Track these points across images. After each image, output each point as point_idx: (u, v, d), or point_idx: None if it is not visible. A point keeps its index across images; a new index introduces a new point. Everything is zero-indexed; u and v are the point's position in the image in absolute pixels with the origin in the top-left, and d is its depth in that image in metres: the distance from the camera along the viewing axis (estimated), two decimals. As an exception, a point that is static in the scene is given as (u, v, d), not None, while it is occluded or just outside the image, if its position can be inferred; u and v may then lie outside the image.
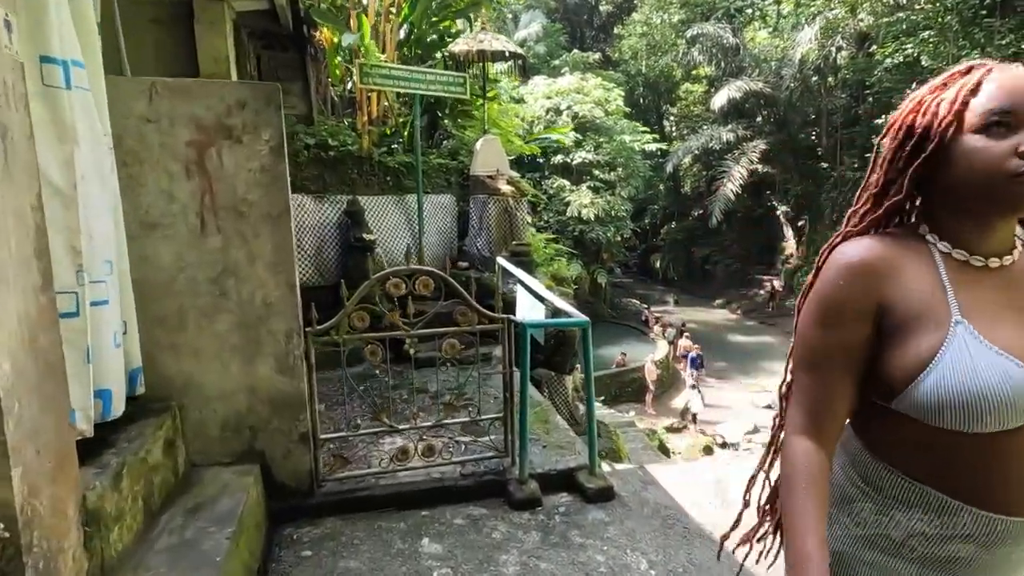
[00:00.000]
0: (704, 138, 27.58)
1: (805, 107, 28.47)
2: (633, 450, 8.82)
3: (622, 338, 21.29)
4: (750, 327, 25.97)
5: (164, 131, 2.40)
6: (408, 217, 5.91)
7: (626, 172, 22.52)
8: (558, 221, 22.17)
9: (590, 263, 22.91)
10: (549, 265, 6.58)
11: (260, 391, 2.66)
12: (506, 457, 3.11)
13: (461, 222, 6.30)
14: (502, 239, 5.89)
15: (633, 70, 33.70)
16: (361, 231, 5.45)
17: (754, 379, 18.48)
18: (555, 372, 5.30)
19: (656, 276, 39.24)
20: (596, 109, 21.36)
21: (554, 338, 5.24)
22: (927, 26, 17.78)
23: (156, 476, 2.26)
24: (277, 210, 2.56)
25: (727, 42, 26.90)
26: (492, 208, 5.81)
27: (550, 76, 23.39)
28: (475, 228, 6.00)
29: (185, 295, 2.51)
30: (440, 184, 6.19)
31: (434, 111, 7.27)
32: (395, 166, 5.80)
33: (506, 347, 3.10)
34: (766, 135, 27.73)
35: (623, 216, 22.32)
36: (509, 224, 5.92)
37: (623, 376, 16.17)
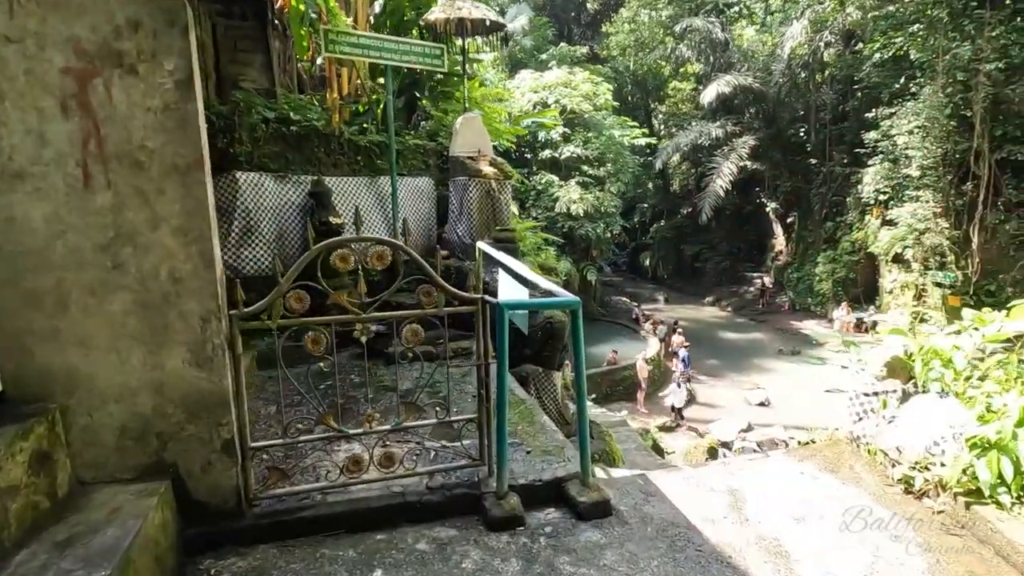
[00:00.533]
0: (693, 134, 27.31)
1: (794, 103, 28.32)
2: (627, 451, 8.36)
3: (613, 336, 20.89)
4: (741, 324, 25.73)
5: (31, 55, 1.87)
6: (381, 201, 5.38)
7: (615, 168, 22.14)
8: (547, 217, 21.70)
9: (580, 260, 22.48)
10: (536, 255, 6.08)
11: (170, 389, 2.12)
12: (482, 466, 2.61)
13: (441, 207, 5.78)
14: (484, 225, 5.38)
15: (621, 66, 33.39)
16: (327, 214, 4.91)
17: (746, 376, 18.16)
18: (543, 368, 4.80)
19: (646, 274, 39.02)
20: (584, 103, 20.95)
21: (542, 331, 4.75)
22: (916, 19, 17.61)
23: (13, 501, 1.72)
24: (187, 161, 2.03)
25: (716, 37, 26.66)
26: (473, 191, 5.31)
27: (537, 71, 22.93)
28: (455, 213, 5.49)
29: (66, 267, 1.97)
30: (417, 166, 5.67)
31: (412, 91, 6.74)
32: (366, 145, 5.27)
33: (480, 333, 2.60)
34: (755, 131, 27.54)
35: (613, 212, 21.93)
36: (492, 209, 5.42)
37: (614, 374, 15.74)
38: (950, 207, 17.44)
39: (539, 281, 3.11)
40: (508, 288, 3.89)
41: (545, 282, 3.06)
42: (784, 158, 27.42)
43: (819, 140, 26.07)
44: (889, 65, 21.43)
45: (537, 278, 3.18)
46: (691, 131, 27.54)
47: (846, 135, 24.48)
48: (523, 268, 3.45)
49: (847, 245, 22.94)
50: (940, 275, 18.45)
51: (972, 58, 15.90)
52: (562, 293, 2.80)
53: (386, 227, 5.31)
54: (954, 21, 16.30)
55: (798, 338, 22.33)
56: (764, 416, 14.83)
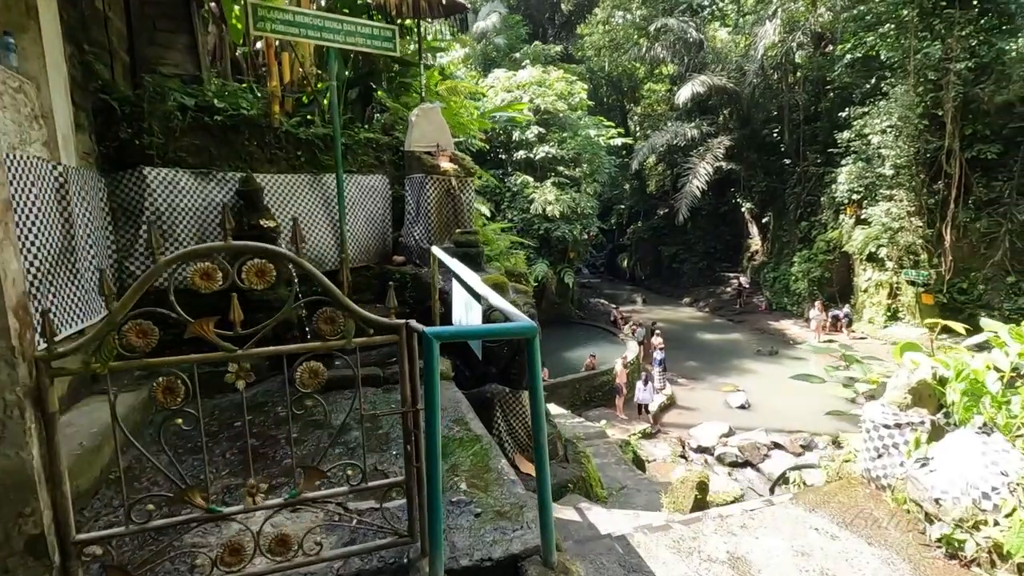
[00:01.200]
0: (668, 135, 27.16)
1: (767, 104, 28.43)
2: (606, 465, 7.82)
3: (591, 340, 20.47)
4: (719, 325, 25.61)
5: None
6: (327, 201, 4.72)
7: (591, 168, 21.73)
8: (522, 219, 21.17)
9: (557, 263, 22.00)
10: (505, 259, 5.48)
11: (-62, 470, 1.46)
12: (412, 543, 1.99)
13: (398, 208, 5.14)
14: (444, 227, 4.76)
15: (596, 67, 33.15)
16: (258, 216, 4.22)
17: (725, 378, 17.89)
18: (511, 388, 4.21)
19: (624, 275, 38.85)
20: (559, 102, 20.49)
21: (508, 345, 4.15)
22: (887, 19, 17.64)
23: None
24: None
25: (690, 37, 26.56)
26: (431, 190, 4.69)
27: (511, 70, 22.41)
28: (412, 215, 4.86)
29: None
30: (370, 163, 5.02)
31: (367, 82, 6.08)
32: (308, 138, 4.60)
33: (406, 372, 1.98)
34: (730, 132, 27.54)
35: (589, 214, 21.51)
36: (452, 209, 4.80)
37: (593, 379, 15.25)
38: (923, 206, 17.47)
39: (491, 297, 2.51)
40: (462, 303, 3.28)
41: (497, 298, 2.46)
42: (759, 158, 27.48)
43: (793, 140, 26.17)
44: (859, 66, 21.56)
45: (489, 292, 2.58)
46: (666, 132, 27.40)
47: (819, 135, 24.58)
48: (476, 281, 2.85)
49: (822, 244, 22.97)
50: (913, 273, 18.51)
51: (942, 57, 15.94)
52: (518, 316, 2.20)
53: (332, 230, 4.64)
54: (924, 20, 16.33)
55: (775, 338, 22.25)
56: (745, 419, 14.51)
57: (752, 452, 12.62)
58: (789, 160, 26.48)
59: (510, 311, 2.27)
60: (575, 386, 14.79)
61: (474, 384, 4.25)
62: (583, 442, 8.65)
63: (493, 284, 4.35)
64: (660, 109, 36.09)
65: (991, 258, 16.86)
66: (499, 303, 2.36)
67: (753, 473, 12.28)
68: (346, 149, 4.78)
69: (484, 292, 2.58)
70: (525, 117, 16.26)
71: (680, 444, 13.21)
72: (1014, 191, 16.27)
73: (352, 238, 4.82)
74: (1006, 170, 16.58)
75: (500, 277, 4.33)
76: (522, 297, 4.44)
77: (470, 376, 4.25)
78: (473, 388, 4.24)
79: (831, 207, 22.34)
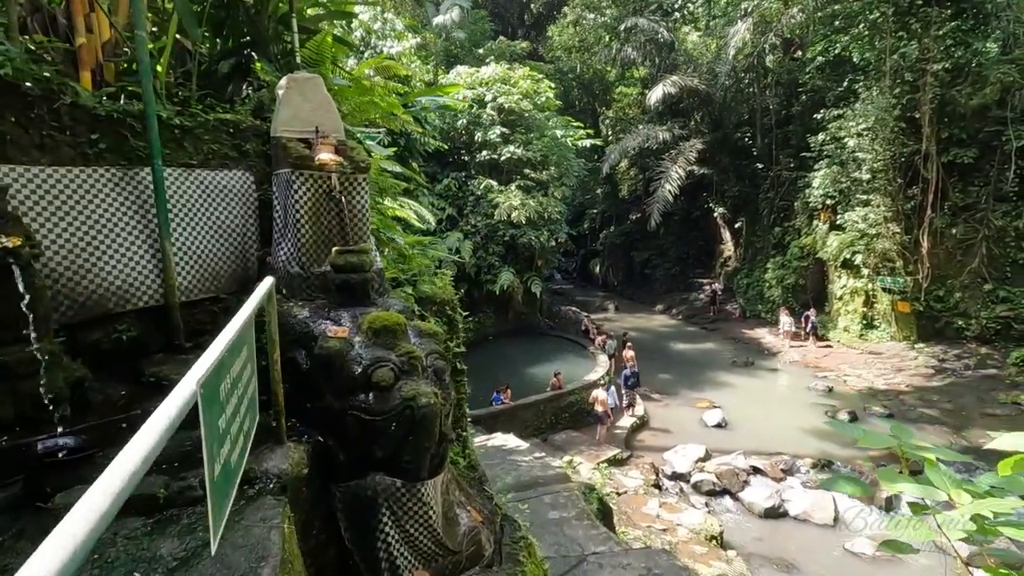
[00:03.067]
0: (640, 138, 26.34)
1: (739, 107, 27.94)
2: (563, 520, 6.58)
3: (559, 353, 19.31)
4: (692, 333, 24.83)
5: None
6: (142, 207, 3.33)
7: (559, 171, 20.65)
8: (487, 225, 19.95)
9: (523, 271, 20.82)
10: (421, 283, 4.19)
11: None
12: None
13: (267, 218, 3.81)
14: (321, 244, 3.44)
15: (566, 67, 32.24)
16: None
17: (700, 392, 16.96)
18: (405, 479, 2.91)
19: (596, 281, 38.00)
20: (524, 101, 19.35)
21: (399, 419, 2.85)
22: (861, 19, 17.06)
23: None
24: None
25: (661, 38, 25.83)
26: (301, 191, 3.36)
27: (474, 67, 21.19)
28: (279, 226, 3.53)
29: None
30: (224, 153, 3.65)
31: (247, 52, 4.73)
32: (111, 114, 3.21)
33: None
34: (702, 135, 26.91)
35: (558, 219, 20.40)
36: (335, 218, 3.49)
37: (559, 400, 14.06)
38: (900, 211, 16.90)
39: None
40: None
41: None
42: (731, 162, 26.91)
43: (765, 144, 25.66)
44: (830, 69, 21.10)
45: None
46: (638, 134, 26.58)
47: (792, 139, 24.10)
48: (225, 337, 1.56)
49: (796, 250, 22.40)
50: (889, 281, 17.95)
51: (919, 58, 15.38)
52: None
53: (148, 246, 3.27)
54: (900, 20, 15.76)
55: (750, 347, 21.53)
56: (722, 440, 13.53)
57: (730, 479, 11.61)
58: (762, 164, 25.97)
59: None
60: (539, 408, 13.58)
61: (352, 473, 2.94)
62: (540, 488, 7.42)
63: (381, 327, 3.07)
64: (632, 113, 35.45)
65: (968, 265, 16.38)
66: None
67: (731, 502, 11.27)
68: (185, 133, 3.42)
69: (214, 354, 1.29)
70: (461, 104, 14.96)
71: (653, 471, 12.12)
72: (990, 196, 15.82)
73: (189, 259, 3.42)
74: (982, 175, 16.13)
75: (392, 317, 3.04)
76: (428, 343, 3.16)
77: (345, 462, 2.94)
78: (350, 480, 2.93)
79: (805, 212, 21.77)
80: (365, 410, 2.87)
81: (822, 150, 19.73)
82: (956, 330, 16.80)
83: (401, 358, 2.95)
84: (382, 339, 3.01)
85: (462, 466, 4.37)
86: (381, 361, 2.93)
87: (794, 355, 19.60)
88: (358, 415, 2.87)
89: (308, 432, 3.05)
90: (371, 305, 3.30)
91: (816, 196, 19.97)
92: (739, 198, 26.99)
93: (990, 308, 15.97)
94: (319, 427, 3.02)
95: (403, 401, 2.85)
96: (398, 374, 2.91)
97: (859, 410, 14.42)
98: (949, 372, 15.59)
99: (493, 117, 19.06)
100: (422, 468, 2.94)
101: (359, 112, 4.72)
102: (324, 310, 3.23)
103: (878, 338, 18.78)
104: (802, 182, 21.60)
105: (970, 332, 16.44)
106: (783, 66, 25.09)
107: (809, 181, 20.50)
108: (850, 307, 19.91)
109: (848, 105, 18.01)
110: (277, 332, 2.51)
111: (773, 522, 10.44)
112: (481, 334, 20.77)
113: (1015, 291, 15.57)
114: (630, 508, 10.36)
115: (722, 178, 27.26)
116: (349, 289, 3.22)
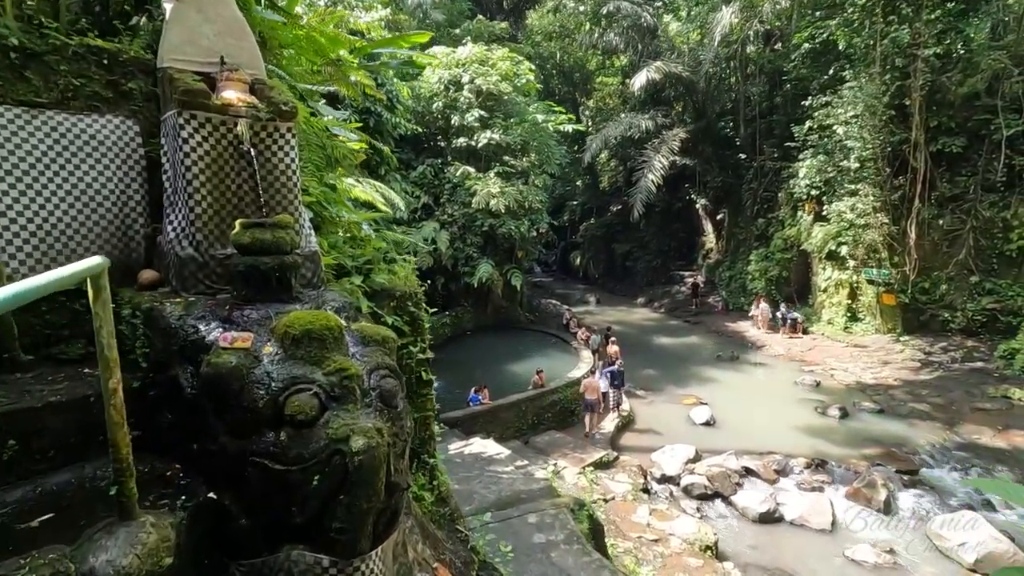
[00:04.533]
0: (623, 126, 25.63)
1: (722, 96, 27.45)
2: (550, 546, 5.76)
3: (541, 349, 18.51)
4: (675, 327, 24.31)
5: None
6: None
7: (540, 158, 19.73)
8: (464, 215, 18.96)
9: (503, 263, 19.91)
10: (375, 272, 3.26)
11: None
12: None
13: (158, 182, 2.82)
14: (223, 217, 2.51)
15: (546, 52, 31.28)
16: None
17: (685, 388, 16.37)
18: (336, 556, 2.01)
19: (576, 274, 37.35)
20: (503, 84, 18.35)
21: (323, 467, 1.94)
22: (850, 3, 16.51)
23: None
24: None
25: (644, 22, 25.08)
26: (195, 142, 2.40)
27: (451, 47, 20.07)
28: (168, 193, 2.57)
29: None
30: (89, 92, 2.65)
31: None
32: None
33: None
34: (685, 124, 26.35)
35: (539, 208, 19.51)
36: (245, 181, 2.55)
37: (541, 399, 13.25)
38: (887, 202, 16.51)
39: None
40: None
41: None
42: (714, 152, 26.42)
43: (748, 134, 25.22)
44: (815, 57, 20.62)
45: None
46: (620, 123, 25.88)
47: (776, 129, 23.68)
48: None
49: (779, 242, 22.01)
50: (874, 273, 17.63)
51: (910, 43, 14.90)
52: None
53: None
54: (891, 3, 15.24)
55: (734, 341, 21.08)
56: (711, 439, 12.93)
57: (722, 481, 10.99)
58: (745, 155, 25.54)
59: None
60: (520, 408, 12.76)
61: (258, 547, 2.02)
62: (523, 506, 6.58)
63: (303, 332, 2.15)
64: (612, 103, 34.74)
65: (954, 257, 16.09)
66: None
67: (724, 507, 10.64)
68: (29, 59, 2.42)
69: None
70: (428, 58, 13.87)
71: (642, 474, 11.42)
72: (978, 187, 15.52)
73: (32, 237, 2.45)
74: (970, 165, 15.82)
75: (321, 318, 2.13)
76: (373, 354, 2.25)
77: (248, 530, 2.02)
78: (256, 556, 2.02)
79: (789, 203, 21.36)
80: (274, 456, 1.95)
81: (807, 139, 19.28)
82: (941, 323, 16.55)
83: (330, 378, 2.04)
84: (304, 351, 2.09)
85: (428, 503, 3.48)
86: (299, 383, 2.01)
87: (779, 348, 19.20)
88: (264, 463, 1.96)
89: (196, 484, 2.12)
90: (294, 302, 2.37)
91: (801, 187, 19.53)
92: (721, 189, 26.55)
93: (976, 300, 15.71)
94: (211, 478, 2.10)
95: (330, 443, 1.94)
96: (324, 402, 2.00)
97: (849, 405, 13.99)
98: (936, 365, 15.30)
99: (471, 100, 18.04)
100: (360, 537, 2.03)
101: (296, 56, 3.74)
102: (224, 309, 2.28)
103: (863, 331, 18.49)
104: (786, 172, 21.17)
105: (955, 325, 16.19)
106: (764, 56, 24.62)
107: (794, 171, 20.05)
108: (834, 299, 19.59)
109: (837, 91, 17.53)
110: (113, 342, 1.57)
111: (769, 528, 9.84)
112: (459, 329, 19.84)
113: (1001, 283, 15.33)
114: (619, 516, 9.64)
115: (705, 169, 26.76)
116: (260, 278, 2.28)
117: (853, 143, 16.47)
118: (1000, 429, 11.96)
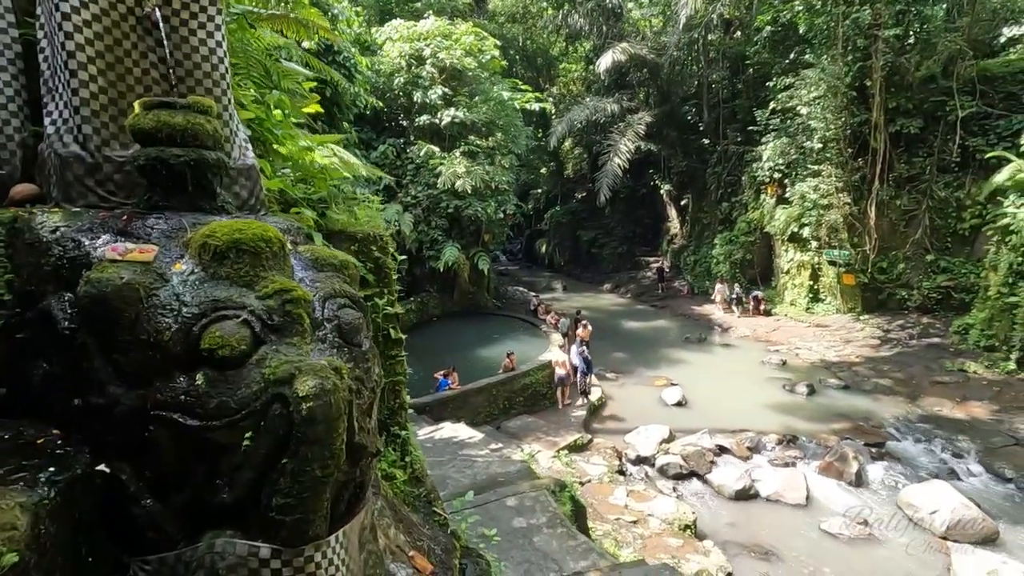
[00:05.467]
0: (588, 110, 25.34)
1: (686, 81, 27.53)
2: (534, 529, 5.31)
3: (510, 333, 18.07)
4: (642, 311, 24.36)
5: None
6: None
7: (507, 138, 19.15)
8: (428, 196, 18.22)
9: (469, 246, 19.30)
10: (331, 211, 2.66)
11: None
12: None
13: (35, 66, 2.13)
14: (119, 103, 1.88)
15: (509, 35, 30.59)
16: None
17: (655, 371, 16.31)
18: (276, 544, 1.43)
19: (542, 262, 37.08)
20: (467, 59, 17.64)
21: (259, 421, 1.36)
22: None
23: None
24: None
25: (609, 3, 24.78)
26: (78, 2, 1.77)
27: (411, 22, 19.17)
28: (46, 77, 1.94)
29: None
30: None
31: None
32: None
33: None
34: (650, 108, 26.29)
35: (506, 189, 18.97)
36: (153, 65, 1.93)
37: (513, 383, 12.81)
38: (849, 182, 16.81)
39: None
40: None
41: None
42: (678, 137, 26.50)
43: (712, 119, 25.37)
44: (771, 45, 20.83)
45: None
46: (586, 107, 25.56)
47: (738, 113, 23.89)
48: None
49: (743, 225, 22.25)
50: (835, 254, 17.97)
51: (871, 23, 15.09)
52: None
53: None
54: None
55: (701, 324, 21.23)
56: (684, 419, 12.82)
57: (697, 460, 10.85)
58: (708, 140, 25.70)
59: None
60: (492, 392, 12.28)
61: (170, 535, 1.44)
62: (501, 489, 6.10)
63: (227, 244, 1.57)
64: (576, 89, 34.42)
65: (911, 236, 16.54)
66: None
67: (700, 485, 10.50)
68: None
69: None
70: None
71: (616, 456, 11.17)
72: (934, 167, 15.95)
73: None
74: (926, 146, 16.24)
75: (253, 227, 1.55)
76: (327, 279, 1.68)
77: (156, 513, 1.43)
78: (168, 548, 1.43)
79: (752, 187, 21.59)
80: (188, 408, 1.37)
81: (769, 123, 19.46)
82: (899, 301, 17.02)
83: (267, 302, 1.47)
84: (231, 267, 1.50)
85: (400, 482, 2.93)
86: (223, 308, 1.43)
87: (744, 330, 19.42)
88: (174, 418, 1.38)
89: (80, 453, 1.51)
90: (218, 212, 1.77)
91: (764, 169, 19.72)
92: (686, 174, 26.69)
93: (932, 278, 16.21)
94: (100, 444, 1.50)
95: (267, 386, 1.38)
96: (259, 333, 1.43)
97: (815, 382, 14.17)
98: (895, 342, 15.72)
99: (433, 75, 17.26)
100: (313, 517, 1.48)
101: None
102: (121, 220, 1.67)
103: (824, 311, 18.88)
104: (749, 156, 21.37)
105: (912, 303, 16.69)
106: (725, 43, 24.78)
107: (758, 155, 20.23)
108: (797, 281, 19.94)
109: (797, 75, 17.70)
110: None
111: (745, 504, 9.74)
112: (424, 315, 19.15)
113: (955, 261, 15.86)
114: (596, 499, 9.32)
115: (669, 153, 26.82)
116: (168, 177, 1.67)
117: (816, 123, 16.66)
118: (958, 401, 12.30)
